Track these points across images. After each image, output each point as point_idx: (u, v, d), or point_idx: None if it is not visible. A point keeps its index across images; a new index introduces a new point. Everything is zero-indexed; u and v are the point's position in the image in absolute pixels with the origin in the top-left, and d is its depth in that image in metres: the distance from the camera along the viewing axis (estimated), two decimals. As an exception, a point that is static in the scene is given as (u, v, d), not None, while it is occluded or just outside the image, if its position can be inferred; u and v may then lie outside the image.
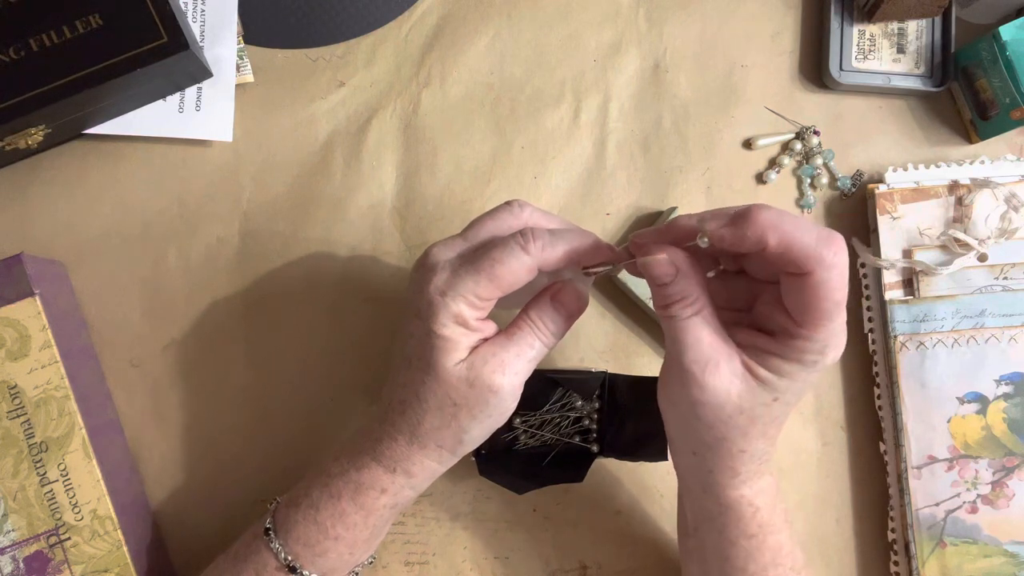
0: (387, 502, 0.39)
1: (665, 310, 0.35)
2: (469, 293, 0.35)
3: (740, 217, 0.33)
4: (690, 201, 0.53)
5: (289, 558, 0.39)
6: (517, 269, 0.35)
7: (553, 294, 0.38)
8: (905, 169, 0.53)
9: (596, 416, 0.50)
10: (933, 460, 0.51)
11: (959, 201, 0.52)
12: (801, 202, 0.54)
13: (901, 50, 0.54)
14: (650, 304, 0.50)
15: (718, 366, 0.34)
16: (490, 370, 0.36)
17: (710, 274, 0.39)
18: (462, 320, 0.36)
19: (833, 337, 0.34)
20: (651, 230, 0.37)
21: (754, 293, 0.37)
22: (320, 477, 0.40)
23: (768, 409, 0.35)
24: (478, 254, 0.36)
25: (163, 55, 0.44)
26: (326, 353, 0.51)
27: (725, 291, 0.37)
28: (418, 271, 0.37)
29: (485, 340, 0.37)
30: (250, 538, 0.40)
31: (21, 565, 0.43)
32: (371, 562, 0.43)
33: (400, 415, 0.38)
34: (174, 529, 0.49)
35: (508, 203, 0.39)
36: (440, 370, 0.36)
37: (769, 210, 0.33)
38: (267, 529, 0.39)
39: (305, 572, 0.39)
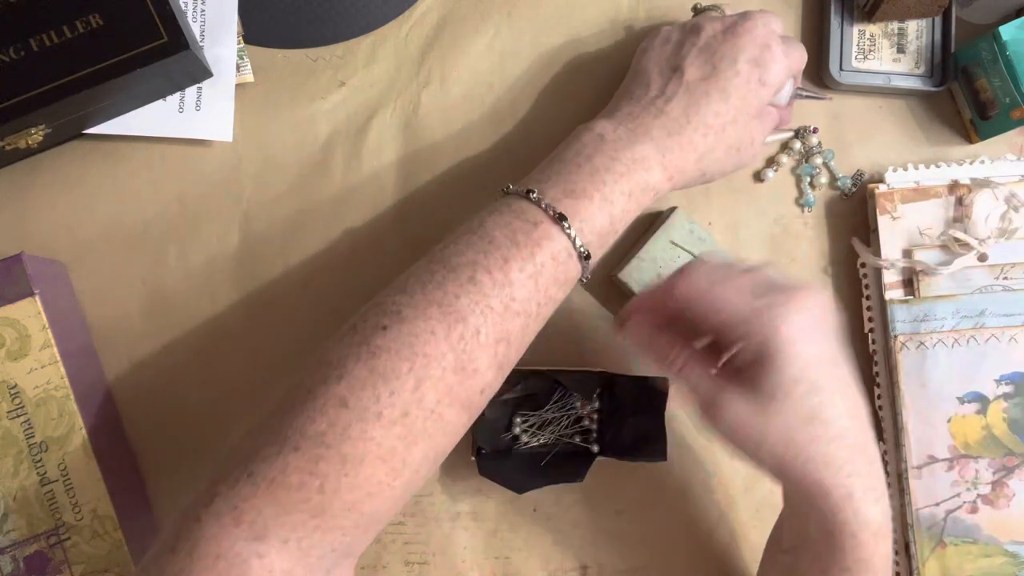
0: (649, 204, 0.43)
1: (667, 370, 0.41)
2: (794, 64, 0.46)
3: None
4: (690, 201, 0.53)
5: (584, 248, 0.40)
6: (806, 55, 0.48)
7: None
8: (905, 169, 0.53)
9: (596, 416, 0.50)
10: (933, 460, 0.51)
11: (959, 201, 0.52)
12: (801, 201, 0.54)
13: (901, 50, 0.54)
14: (650, 304, 0.50)
15: (719, 398, 0.39)
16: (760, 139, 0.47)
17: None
18: (782, 84, 0.45)
19: (748, 323, 0.38)
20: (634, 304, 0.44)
21: None
22: (606, 173, 0.41)
23: (784, 413, 0.38)
24: (792, 39, 0.47)
25: (163, 55, 0.44)
26: (326, 353, 0.51)
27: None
28: (753, 31, 0.44)
29: None
30: (526, 226, 0.39)
31: (21, 565, 0.43)
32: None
33: (703, 136, 0.43)
34: (174, 529, 0.49)
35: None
36: (748, 115, 0.44)
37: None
38: (560, 217, 0.39)
39: (591, 260, 0.41)
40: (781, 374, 0.37)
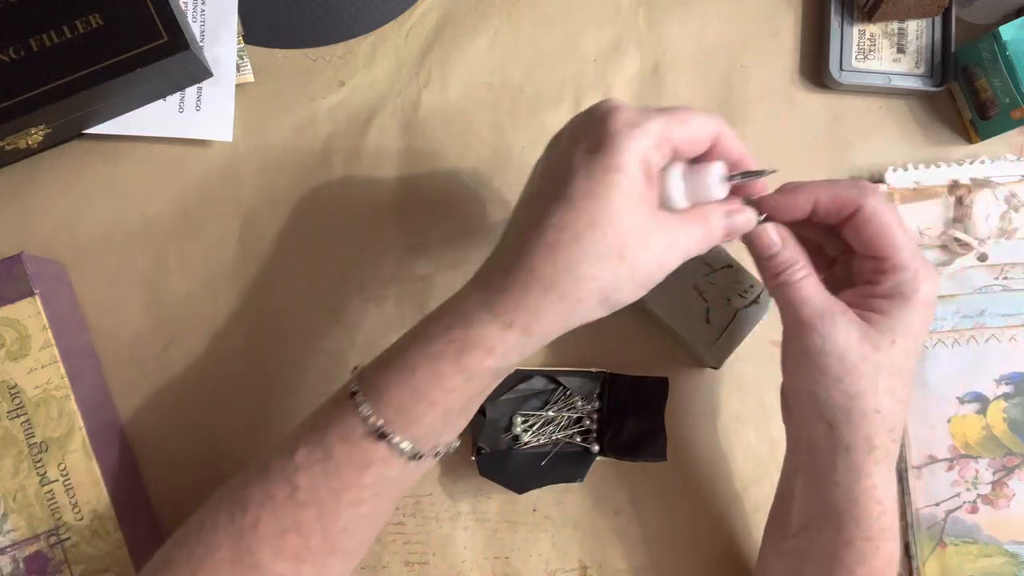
0: (492, 365, 0.35)
1: (776, 279, 0.39)
2: (659, 133, 0.34)
3: (786, 187, 0.39)
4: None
5: (380, 424, 0.35)
6: (705, 122, 0.36)
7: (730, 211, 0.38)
8: (905, 169, 0.53)
9: (596, 416, 0.50)
10: (933, 460, 0.51)
11: (959, 201, 0.52)
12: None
13: (901, 50, 0.55)
14: (650, 305, 0.50)
15: (834, 315, 0.37)
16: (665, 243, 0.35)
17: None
18: (646, 163, 0.34)
19: (915, 260, 0.38)
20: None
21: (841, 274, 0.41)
22: (418, 337, 0.36)
23: (889, 354, 0.37)
24: (666, 107, 0.36)
25: (163, 55, 0.44)
26: (326, 353, 0.51)
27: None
28: (591, 113, 0.35)
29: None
30: (330, 405, 0.37)
31: (21, 565, 0.43)
32: (457, 446, 0.39)
33: (547, 258, 0.33)
34: (175, 529, 0.49)
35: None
36: (615, 213, 0.33)
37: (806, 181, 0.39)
38: (353, 392, 0.36)
39: (396, 439, 0.35)
40: (913, 317, 0.37)
